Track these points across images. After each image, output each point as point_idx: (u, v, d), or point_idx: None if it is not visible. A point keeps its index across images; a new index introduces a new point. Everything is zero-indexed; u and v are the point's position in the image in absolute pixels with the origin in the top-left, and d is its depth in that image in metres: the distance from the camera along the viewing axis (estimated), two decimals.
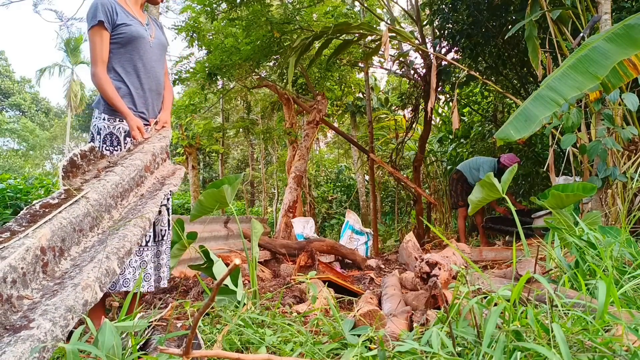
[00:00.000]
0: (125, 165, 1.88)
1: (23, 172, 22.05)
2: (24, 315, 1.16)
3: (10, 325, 1.12)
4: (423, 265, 2.27)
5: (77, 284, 1.27)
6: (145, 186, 1.98)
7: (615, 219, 3.26)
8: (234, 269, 0.98)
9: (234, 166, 19.09)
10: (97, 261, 1.39)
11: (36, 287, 1.27)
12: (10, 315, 1.16)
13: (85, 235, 1.54)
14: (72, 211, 1.51)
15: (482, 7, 5.85)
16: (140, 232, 1.63)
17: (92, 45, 2.19)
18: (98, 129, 2.23)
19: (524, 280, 1.26)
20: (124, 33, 2.24)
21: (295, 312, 2.06)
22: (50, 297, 1.23)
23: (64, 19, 10.89)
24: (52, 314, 1.16)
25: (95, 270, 1.35)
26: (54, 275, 1.33)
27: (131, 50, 2.28)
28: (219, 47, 6.89)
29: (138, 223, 1.65)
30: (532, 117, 2.90)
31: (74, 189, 1.64)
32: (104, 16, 2.17)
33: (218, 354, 1.10)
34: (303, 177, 6.93)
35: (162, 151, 2.23)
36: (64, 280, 1.31)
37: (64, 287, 1.26)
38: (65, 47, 28.11)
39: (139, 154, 2.03)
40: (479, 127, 8.93)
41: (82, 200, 1.56)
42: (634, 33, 2.85)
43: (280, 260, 4.19)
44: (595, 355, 1.06)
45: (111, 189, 1.71)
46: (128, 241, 1.54)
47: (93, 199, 1.60)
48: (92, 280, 1.30)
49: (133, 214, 1.71)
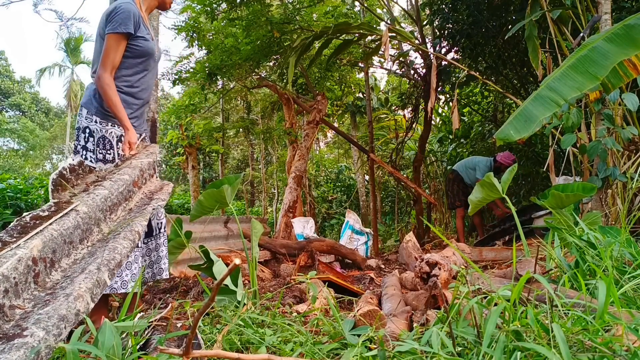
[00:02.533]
0: (114, 179, 1.89)
1: (23, 172, 22.07)
2: (17, 324, 1.17)
3: (3, 334, 1.12)
4: (423, 265, 2.27)
5: (69, 294, 1.28)
6: (134, 201, 1.99)
7: (615, 219, 3.26)
8: (234, 269, 0.98)
9: (234, 166, 19.09)
10: (88, 272, 1.39)
11: (28, 297, 1.29)
12: (3, 324, 1.17)
13: (75, 248, 1.56)
14: (63, 223, 1.51)
15: (482, 7, 5.85)
16: (130, 245, 1.64)
17: (109, 49, 2.15)
18: (90, 131, 2.19)
19: (524, 280, 1.26)
20: (141, 47, 2.25)
21: (295, 312, 2.06)
22: (43, 306, 1.24)
23: (64, 19, 10.89)
24: (45, 322, 1.17)
25: (87, 281, 1.36)
26: (45, 286, 1.35)
27: (140, 63, 2.29)
28: (219, 47, 6.90)
29: (128, 236, 1.66)
30: (532, 117, 2.90)
31: (63, 202, 1.64)
32: (132, 27, 2.17)
33: (218, 354, 1.10)
34: (303, 177, 6.94)
35: (150, 167, 2.24)
36: (55, 290, 1.33)
37: (56, 297, 1.27)
38: (65, 47, 28.11)
39: (127, 169, 2.03)
40: (479, 127, 8.93)
41: (72, 212, 1.57)
42: (634, 33, 2.85)
43: (280, 260, 4.19)
44: (595, 355, 1.06)
45: (100, 203, 1.72)
46: (118, 253, 1.55)
47: (83, 211, 1.61)
48: (83, 291, 1.31)
49: (122, 228, 1.72)
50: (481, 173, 6.01)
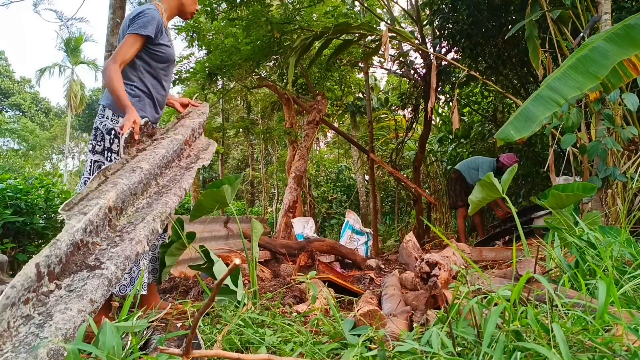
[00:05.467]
0: (171, 139, 2.22)
1: (23, 172, 22.05)
2: (97, 258, 1.57)
3: (88, 265, 1.53)
4: (423, 265, 2.28)
5: (132, 238, 1.68)
6: (184, 158, 2.33)
7: (615, 219, 3.26)
8: (234, 269, 0.98)
9: (234, 166, 19.09)
10: (146, 222, 1.77)
11: (103, 236, 1.68)
12: (88, 256, 1.57)
13: (137, 198, 1.91)
14: (131, 178, 1.86)
15: (482, 7, 5.84)
16: (178, 200, 2.01)
17: (123, 45, 2.19)
18: (116, 132, 2.19)
19: (524, 280, 1.26)
20: (164, 53, 2.33)
21: (295, 312, 2.06)
22: (114, 246, 1.64)
23: (64, 19, 10.89)
24: (115, 260, 1.57)
25: (145, 229, 1.74)
26: (115, 229, 1.74)
27: (162, 69, 2.37)
28: (219, 47, 6.90)
29: (177, 192, 2.02)
30: (532, 117, 2.90)
31: (131, 157, 2.02)
32: (152, 32, 2.22)
33: (218, 354, 1.10)
34: (303, 177, 6.94)
35: (200, 126, 2.53)
36: (122, 234, 1.71)
37: (123, 240, 1.67)
38: (65, 47, 28.07)
39: (182, 128, 2.35)
40: (479, 127, 8.93)
41: (138, 169, 1.92)
42: (634, 33, 2.85)
43: (280, 260, 4.19)
44: (595, 355, 1.06)
45: (159, 161, 2.06)
46: (169, 207, 1.92)
47: (145, 168, 1.95)
48: (142, 237, 1.72)
49: (173, 183, 2.08)
50: (484, 174, 5.99)
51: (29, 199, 4.63)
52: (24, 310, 1.30)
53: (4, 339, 1.21)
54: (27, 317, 1.30)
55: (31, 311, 1.31)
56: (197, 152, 2.42)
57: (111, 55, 2.22)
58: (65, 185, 6.40)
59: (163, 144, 2.14)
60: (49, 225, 4.87)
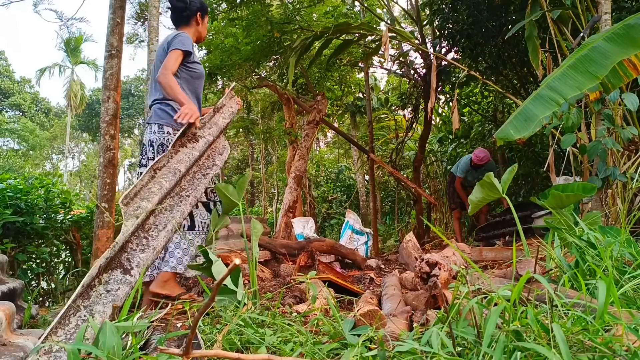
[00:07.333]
0: (205, 140, 2.55)
1: (23, 172, 22.06)
2: (128, 258, 1.95)
3: (122, 264, 1.91)
4: (423, 265, 2.27)
5: (154, 247, 2.08)
6: (204, 157, 2.61)
7: (615, 219, 3.26)
8: (234, 269, 0.98)
9: (234, 166, 19.09)
10: (167, 231, 2.18)
11: (136, 235, 2.05)
12: (122, 254, 1.95)
13: (167, 198, 2.30)
14: (171, 181, 2.26)
15: (482, 7, 5.84)
16: (190, 208, 2.42)
17: (172, 58, 2.50)
18: (150, 141, 2.56)
19: (524, 280, 1.26)
20: (197, 70, 2.70)
21: (295, 312, 2.06)
22: (141, 250, 2.01)
23: (64, 18, 10.89)
24: (140, 268, 1.94)
25: (164, 239, 2.16)
26: (144, 228, 2.11)
27: (195, 83, 2.71)
28: (219, 47, 6.90)
29: (192, 202, 2.42)
30: (532, 117, 2.90)
31: (174, 151, 2.36)
32: (191, 48, 2.59)
33: (218, 354, 1.10)
34: (303, 177, 6.94)
35: (227, 126, 2.81)
36: (148, 237, 2.09)
37: (148, 246, 2.05)
38: (65, 47, 28.06)
39: (215, 127, 2.66)
40: (479, 127, 8.93)
41: (178, 172, 2.31)
42: (634, 33, 2.85)
43: (280, 260, 4.18)
44: (595, 355, 1.06)
45: (192, 163, 2.44)
46: (183, 216, 2.36)
47: (181, 172, 2.35)
48: (160, 247, 2.13)
49: (191, 189, 2.45)
50: (460, 170, 6.11)
51: (29, 199, 4.63)
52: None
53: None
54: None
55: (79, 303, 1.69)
56: (215, 154, 2.68)
57: (159, 69, 2.51)
58: (65, 185, 6.39)
59: (198, 146, 2.48)
60: (49, 225, 4.87)
